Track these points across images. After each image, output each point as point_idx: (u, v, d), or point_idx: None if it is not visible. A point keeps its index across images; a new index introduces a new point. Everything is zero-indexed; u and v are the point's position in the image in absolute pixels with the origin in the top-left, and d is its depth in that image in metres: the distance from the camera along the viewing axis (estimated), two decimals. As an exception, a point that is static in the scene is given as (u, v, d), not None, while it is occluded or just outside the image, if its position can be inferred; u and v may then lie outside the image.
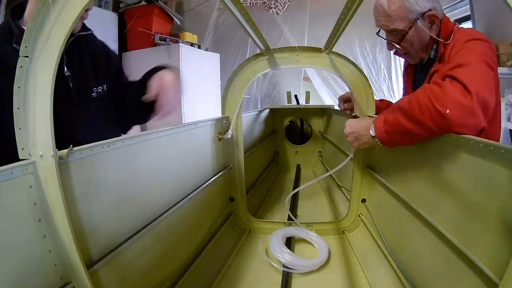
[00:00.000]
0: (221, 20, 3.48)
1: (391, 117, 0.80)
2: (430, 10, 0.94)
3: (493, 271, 0.50)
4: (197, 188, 1.02)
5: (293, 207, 1.56)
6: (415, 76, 1.13)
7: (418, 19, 0.94)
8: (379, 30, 1.04)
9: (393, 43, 1.01)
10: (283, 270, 0.98)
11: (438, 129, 0.68)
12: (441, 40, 0.95)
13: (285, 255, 1.02)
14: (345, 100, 1.28)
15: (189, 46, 2.80)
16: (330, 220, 1.34)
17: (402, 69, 1.35)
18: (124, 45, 2.90)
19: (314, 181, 1.33)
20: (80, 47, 0.98)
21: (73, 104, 0.92)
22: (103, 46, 1.10)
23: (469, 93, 0.67)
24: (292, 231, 1.21)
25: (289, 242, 1.18)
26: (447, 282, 0.66)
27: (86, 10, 0.89)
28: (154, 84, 0.94)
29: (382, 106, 1.24)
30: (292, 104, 2.69)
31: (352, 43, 3.39)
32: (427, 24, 0.95)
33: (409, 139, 0.77)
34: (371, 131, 0.86)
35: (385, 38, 1.04)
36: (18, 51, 0.48)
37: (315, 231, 1.21)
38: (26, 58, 0.47)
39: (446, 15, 1.00)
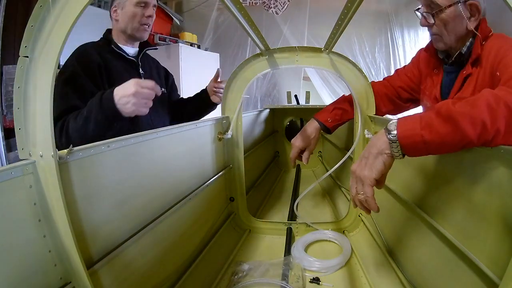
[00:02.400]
0: (221, 20, 3.48)
1: (436, 121, 0.57)
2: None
3: (493, 271, 0.50)
4: (197, 188, 1.02)
5: (293, 207, 1.56)
6: (444, 77, 1.07)
7: (460, 2, 0.90)
8: (419, 7, 1.01)
9: (428, 20, 0.97)
10: (283, 269, 0.98)
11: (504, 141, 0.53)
12: (478, 34, 0.92)
13: (315, 264, 1.01)
14: (300, 149, 1.27)
15: (189, 46, 2.80)
16: (330, 220, 1.34)
17: (409, 65, 1.25)
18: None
19: (316, 183, 1.32)
20: (148, 58, 1.41)
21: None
22: (161, 66, 1.53)
23: None
24: (309, 237, 1.20)
25: (289, 241, 1.18)
26: (447, 282, 0.66)
27: (147, 25, 1.28)
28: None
29: (335, 119, 1.24)
30: (292, 104, 2.69)
31: (352, 43, 3.39)
32: (467, 13, 0.92)
33: (449, 148, 0.58)
34: (389, 135, 0.61)
35: (421, 13, 1.00)
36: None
37: (321, 229, 1.21)
38: (26, 58, 0.47)
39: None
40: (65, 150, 0.52)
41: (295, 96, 2.79)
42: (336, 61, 1.17)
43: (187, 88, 2.60)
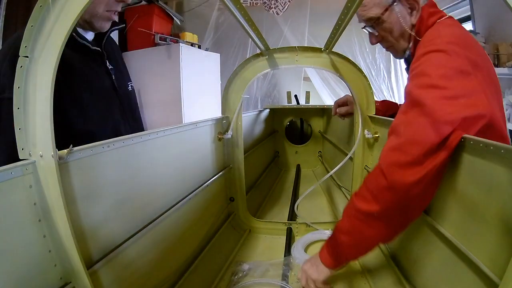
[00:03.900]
0: (221, 20, 3.48)
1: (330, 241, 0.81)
2: None
3: (493, 271, 0.50)
4: (197, 188, 1.02)
5: (293, 207, 1.56)
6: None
7: (395, 2, 0.85)
8: (364, 25, 0.96)
9: (373, 34, 0.93)
10: (283, 270, 0.98)
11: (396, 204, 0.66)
12: (412, 33, 0.85)
13: None
14: (340, 104, 1.25)
15: (189, 46, 2.79)
16: (330, 220, 1.34)
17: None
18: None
19: (317, 184, 1.31)
20: (112, 45, 1.03)
21: (118, 97, 0.97)
22: (117, 44, 1.14)
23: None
24: (309, 237, 1.20)
25: (289, 241, 1.17)
26: (447, 282, 0.66)
27: (114, 13, 0.89)
28: None
29: (382, 108, 1.19)
30: (292, 104, 2.69)
31: (352, 43, 3.38)
32: (407, 10, 0.85)
33: (365, 245, 0.76)
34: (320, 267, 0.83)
35: (366, 30, 0.96)
36: None
37: (321, 229, 1.21)
38: (26, 58, 0.47)
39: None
40: (65, 150, 0.52)
41: (295, 96, 2.79)
42: (336, 61, 1.17)
43: (188, 88, 2.60)
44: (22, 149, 0.49)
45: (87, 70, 0.89)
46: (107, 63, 0.95)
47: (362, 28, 0.96)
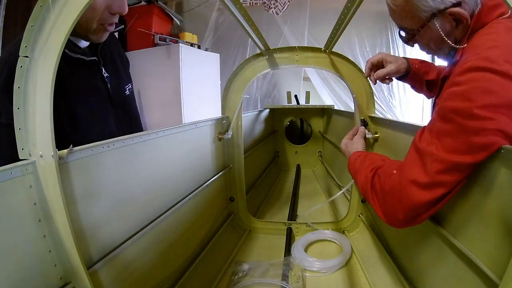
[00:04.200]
0: (221, 20, 3.48)
1: (358, 164, 0.84)
2: (454, 5, 0.68)
3: (493, 271, 0.50)
4: (197, 188, 1.02)
5: (293, 207, 1.56)
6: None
7: (435, 17, 0.70)
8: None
9: (409, 44, 0.81)
10: (283, 270, 0.98)
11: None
12: (457, 46, 0.71)
13: (315, 264, 1.02)
14: (375, 64, 1.00)
15: (189, 46, 2.79)
16: (330, 220, 1.34)
17: None
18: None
19: (343, 191, 1.25)
20: (110, 45, 0.97)
21: (113, 105, 0.93)
22: (122, 52, 1.09)
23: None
24: (309, 237, 1.20)
25: (289, 241, 1.18)
26: (447, 281, 0.66)
27: (110, 24, 0.82)
28: None
29: (421, 69, 0.99)
30: (292, 104, 2.69)
31: (352, 43, 3.38)
32: (451, 23, 0.70)
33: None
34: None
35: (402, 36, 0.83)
36: None
37: (320, 229, 1.21)
38: (26, 58, 0.47)
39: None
40: (65, 150, 0.52)
41: (295, 96, 2.79)
42: (336, 61, 1.17)
43: (187, 88, 2.60)
44: (22, 149, 0.49)
45: (81, 84, 0.85)
46: (103, 70, 0.91)
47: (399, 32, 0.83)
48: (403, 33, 0.80)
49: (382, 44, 3.43)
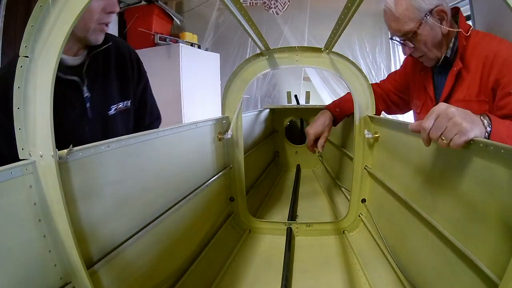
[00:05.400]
0: (221, 20, 3.48)
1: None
2: (437, 6, 0.94)
3: (493, 271, 0.50)
4: (197, 188, 1.02)
5: (293, 207, 1.56)
6: (434, 78, 1.11)
7: (427, 16, 0.94)
8: (392, 36, 1.04)
9: (407, 46, 1.01)
10: (283, 270, 0.98)
11: None
12: (461, 30, 0.95)
13: None
14: (317, 135, 1.30)
15: (189, 46, 2.80)
16: (330, 220, 1.34)
17: (400, 69, 1.34)
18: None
19: None
20: (107, 57, 0.96)
21: (88, 124, 0.92)
22: (136, 58, 1.08)
23: None
24: None
25: (289, 241, 1.18)
26: (447, 282, 0.66)
27: (106, 24, 0.88)
28: None
29: (342, 112, 1.33)
30: (292, 104, 2.69)
31: (352, 43, 3.38)
32: (437, 21, 0.95)
33: None
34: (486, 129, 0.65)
35: (399, 42, 1.03)
36: None
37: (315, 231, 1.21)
38: (26, 58, 0.47)
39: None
40: (65, 150, 0.52)
41: (295, 96, 2.79)
42: (336, 61, 1.17)
43: (187, 88, 2.61)
44: (22, 149, 0.49)
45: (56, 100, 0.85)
46: (84, 90, 0.90)
47: (390, 38, 1.06)
48: (403, 42, 1.00)
49: (382, 44, 3.43)
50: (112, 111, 0.99)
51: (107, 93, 0.98)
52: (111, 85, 0.98)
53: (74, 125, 0.90)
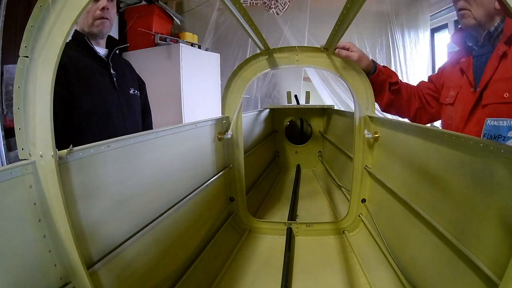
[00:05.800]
0: (221, 20, 3.48)
1: None
2: None
3: (493, 271, 0.50)
4: (197, 188, 1.02)
5: (293, 207, 1.56)
6: (474, 63, 1.06)
7: None
8: None
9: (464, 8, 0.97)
10: (283, 270, 0.98)
11: None
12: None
13: None
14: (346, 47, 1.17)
15: (189, 46, 2.79)
16: (330, 220, 1.34)
17: (445, 66, 1.23)
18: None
19: None
20: (120, 59, 1.30)
21: (118, 96, 1.17)
22: (134, 71, 1.37)
23: None
24: None
25: (289, 241, 1.18)
26: (447, 282, 0.66)
27: (102, 17, 1.13)
28: None
29: (385, 72, 1.19)
30: (292, 104, 2.69)
31: (352, 43, 3.38)
32: None
33: None
34: None
35: None
36: None
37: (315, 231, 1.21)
38: (26, 58, 0.47)
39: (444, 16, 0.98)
40: (65, 150, 0.52)
41: (295, 96, 2.79)
42: (336, 61, 1.17)
43: (188, 88, 2.60)
44: (22, 149, 0.49)
45: (95, 71, 1.15)
46: (111, 69, 1.19)
47: None
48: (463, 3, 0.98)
49: (382, 44, 3.43)
50: (131, 91, 1.26)
51: (126, 78, 1.26)
52: (126, 73, 1.28)
53: (106, 87, 1.16)
